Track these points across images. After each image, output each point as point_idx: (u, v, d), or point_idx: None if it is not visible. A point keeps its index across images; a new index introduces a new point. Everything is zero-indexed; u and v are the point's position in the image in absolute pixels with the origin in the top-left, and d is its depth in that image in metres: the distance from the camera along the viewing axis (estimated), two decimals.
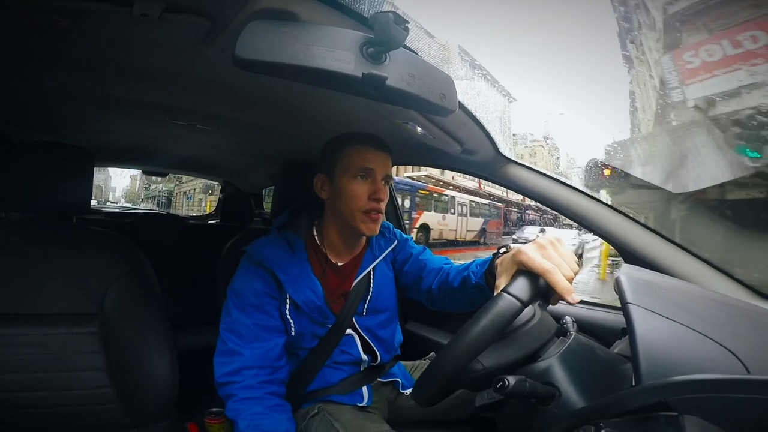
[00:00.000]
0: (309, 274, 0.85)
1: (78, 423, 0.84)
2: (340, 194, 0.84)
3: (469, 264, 0.81)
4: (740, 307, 0.58)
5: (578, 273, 0.57)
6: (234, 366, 0.78)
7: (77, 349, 0.82)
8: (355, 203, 0.83)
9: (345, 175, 0.83)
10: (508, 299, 0.50)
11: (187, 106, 1.10)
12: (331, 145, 0.88)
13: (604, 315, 0.95)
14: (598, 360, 0.61)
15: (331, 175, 0.86)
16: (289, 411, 0.80)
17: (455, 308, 0.86)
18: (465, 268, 0.81)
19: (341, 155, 0.84)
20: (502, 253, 0.66)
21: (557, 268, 0.53)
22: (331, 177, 0.86)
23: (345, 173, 0.83)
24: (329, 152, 0.87)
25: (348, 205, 0.83)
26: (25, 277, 0.83)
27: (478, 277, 0.75)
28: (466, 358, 0.50)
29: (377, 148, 0.85)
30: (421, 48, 0.63)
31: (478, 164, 1.03)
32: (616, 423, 0.42)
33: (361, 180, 0.83)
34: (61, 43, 0.71)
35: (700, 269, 0.79)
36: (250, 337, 0.80)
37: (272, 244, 0.86)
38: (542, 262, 0.53)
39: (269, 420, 0.74)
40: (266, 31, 0.46)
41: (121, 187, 17.27)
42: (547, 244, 0.57)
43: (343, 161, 0.84)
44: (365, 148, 0.84)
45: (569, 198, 0.93)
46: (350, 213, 0.83)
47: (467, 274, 0.78)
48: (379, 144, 0.86)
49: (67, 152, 0.88)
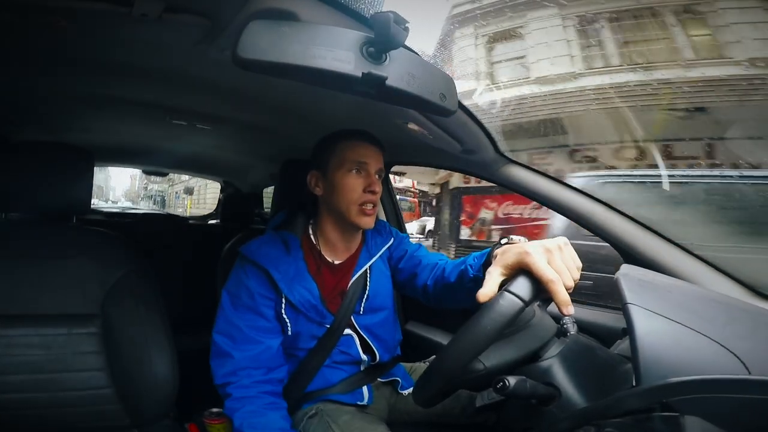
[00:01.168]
0: (304, 273, 0.85)
1: (78, 423, 0.84)
2: (334, 189, 0.85)
3: (466, 258, 0.80)
4: (740, 307, 0.58)
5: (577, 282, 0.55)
6: (227, 368, 0.79)
7: (77, 349, 0.82)
8: (350, 196, 0.84)
9: (339, 169, 0.85)
10: (510, 298, 0.49)
11: (187, 106, 1.10)
12: (323, 142, 0.89)
13: (604, 315, 0.95)
14: (599, 360, 0.61)
15: (325, 171, 0.87)
16: (284, 409, 0.80)
17: (452, 304, 0.86)
18: (461, 263, 0.80)
19: (335, 151, 0.86)
20: (503, 244, 0.64)
21: (561, 277, 0.52)
22: (324, 173, 0.87)
23: (339, 168, 0.85)
24: (322, 149, 0.89)
25: (343, 198, 0.84)
26: (25, 277, 0.83)
27: (475, 270, 0.74)
28: (468, 356, 0.50)
29: (370, 143, 0.87)
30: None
31: (478, 164, 1.03)
32: (617, 423, 0.42)
33: (356, 174, 0.85)
34: (61, 43, 0.71)
35: (699, 269, 0.79)
36: (242, 339, 0.81)
37: (267, 244, 0.86)
38: (547, 270, 0.51)
39: (262, 418, 0.75)
40: (266, 31, 0.46)
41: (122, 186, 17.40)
42: (555, 249, 0.55)
43: (337, 156, 0.85)
44: (358, 142, 0.86)
45: (569, 198, 0.93)
46: (346, 206, 0.84)
47: (464, 268, 0.77)
48: (371, 139, 0.88)
49: (67, 152, 0.88)
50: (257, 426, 0.74)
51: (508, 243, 0.64)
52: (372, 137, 0.88)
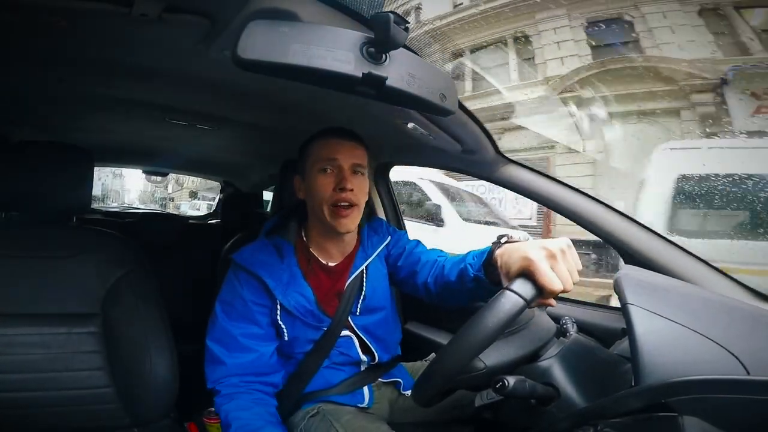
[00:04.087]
0: (299, 279, 0.84)
1: (78, 423, 0.84)
2: (309, 191, 0.83)
3: (465, 255, 0.78)
4: (740, 308, 0.58)
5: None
6: (219, 374, 0.79)
7: (77, 348, 0.83)
8: (321, 196, 0.81)
9: (312, 170, 0.83)
10: (512, 297, 0.49)
11: (187, 106, 1.10)
12: (303, 145, 0.88)
13: (604, 315, 0.95)
14: (598, 361, 0.61)
15: (303, 173, 0.86)
16: (272, 407, 0.80)
17: (454, 302, 0.85)
18: (461, 260, 0.78)
19: (309, 152, 0.84)
20: (503, 243, 0.63)
21: (563, 285, 0.51)
22: (303, 176, 0.86)
23: (311, 168, 0.83)
24: (301, 152, 0.87)
25: (316, 199, 0.81)
26: (25, 277, 0.83)
27: (475, 269, 0.73)
28: (469, 354, 0.50)
29: (340, 137, 0.83)
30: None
31: (477, 164, 1.03)
32: (616, 424, 0.42)
33: (326, 173, 0.81)
34: (61, 43, 0.71)
35: (699, 270, 0.79)
36: (236, 347, 0.80)
37: (260, 251, 0.85)
38: (553, 279, 0.50)
39: (247, 412, 0.74)
40: (266, 31, 0.46)
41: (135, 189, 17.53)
42: (558, 253, 0.53)
43: (310, 157, 0.84)
44: (328, 139, 0.83)
45: (569, 198, 0.93)
46: (320, 208, 0.81)
47: (464, 266, 0.76)
48: (343, 133, 0.84)
49: (67, 152, 0.88)
50: (242, 418, 0.73)
51: (508, 241, 0.63)
52: (345, 131, 0.84)
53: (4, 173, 0.83)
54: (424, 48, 0.72)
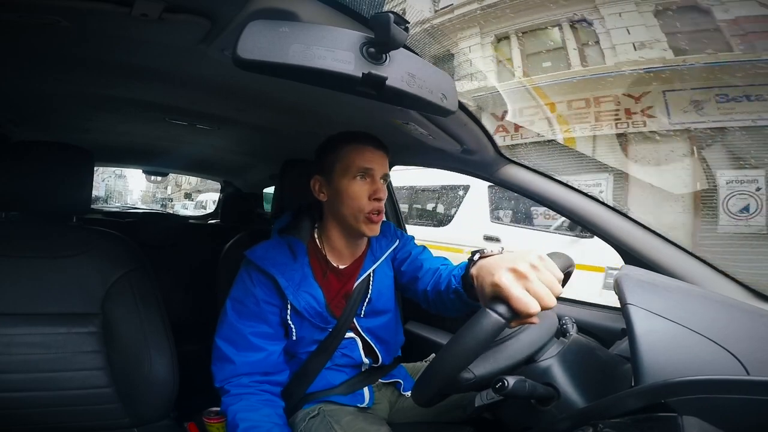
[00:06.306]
0: (310, 280, 0.84)
1: (78, 422, 0.84)
2: (339, 196, 0.83)
3: (454, 267, 0.79)
4: (740, 308, 0.58)
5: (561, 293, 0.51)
6: (227, 373, 0.79)
7: (77, 348, 0.83)
8: (356, 204, 0.82)
9: (344, 176, 0.82)
10: (491, 317, 0.48)
11: (187, 106, 1.10)
12: (327, 146, 0.87)
13: (603, 315, 0.95)
14: (598, 361, 0.61)
15: (329, 176, 0.85)
16: (280, 408, 0.80)
17: (446, 313, 0.84)
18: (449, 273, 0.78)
19: (339, 156, 0.83)
20: (476, 260, 0.61)
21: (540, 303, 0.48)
22: (328, 179, 0.85)
23: (344, 174, 0.82)
24: (326, 153, 0.86)
25: (349, 206, 0.82)
26: (25, 277, 0.83)
27: (457, 281, 0.73)
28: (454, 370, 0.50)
29: (375, 147, 0.85)
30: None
31: (477, 164, 1.03)
32: (616, 424, 0.42)
33: (361, 180, 0.82)
34: (61, 43, 0.71)
35: (699, 270, 0.79)
36: (246, 346, 0.80)
37: (273, 249, 0.85)
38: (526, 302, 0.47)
39: (256, 413, 0.75)
40: (266, 31, 0.46)
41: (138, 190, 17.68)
42: (530, 272, 0.50)
43: (341, 162, 0.83)
44: (364, 147, 0.83)
45: (569, 198, 0.93)
46: (352, 214, 0.82)
47: (450, 278, 0.76)
48: (377, 143, 0.85)
49: (67, 152, 0.88)
50: (250, 419, 0.73)
51: (482, 257, 0.61)
52: (378, 141, 0.86)
53: (4, 173, 0.83)
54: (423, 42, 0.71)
